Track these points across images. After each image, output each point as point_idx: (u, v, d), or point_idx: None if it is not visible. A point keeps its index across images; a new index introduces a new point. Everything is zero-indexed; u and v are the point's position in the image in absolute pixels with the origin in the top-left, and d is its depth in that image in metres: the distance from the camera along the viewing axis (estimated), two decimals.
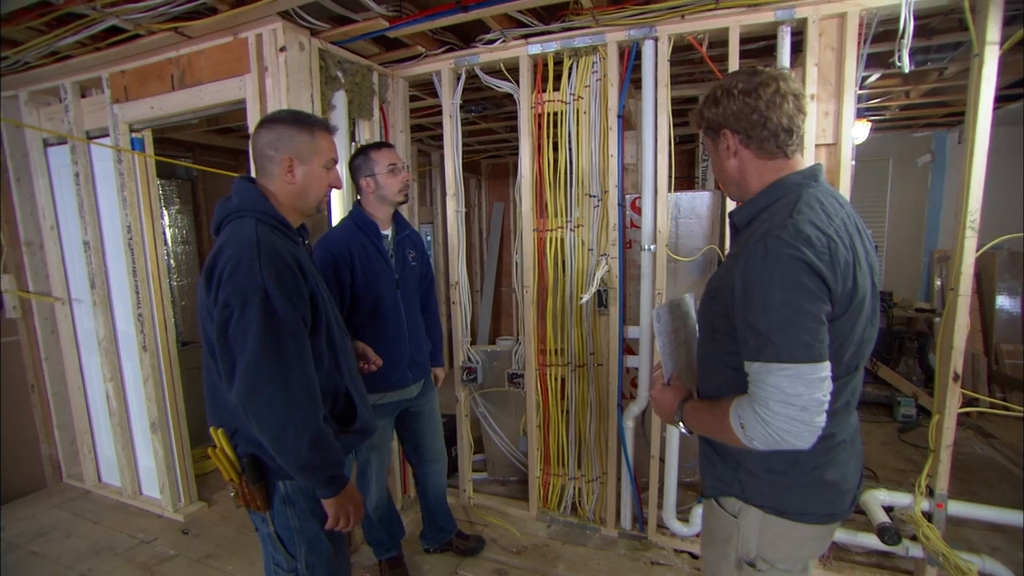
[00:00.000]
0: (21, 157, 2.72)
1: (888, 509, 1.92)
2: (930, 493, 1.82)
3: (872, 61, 2.31)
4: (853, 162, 1.81)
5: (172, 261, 3.27)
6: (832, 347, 0.88)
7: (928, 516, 1.82)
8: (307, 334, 1.13)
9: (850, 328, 0.92)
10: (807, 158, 1.83)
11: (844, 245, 0.88)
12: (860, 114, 3.44)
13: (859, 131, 3.47)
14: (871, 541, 1.91)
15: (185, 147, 3.53)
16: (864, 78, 2.55)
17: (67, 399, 2.90)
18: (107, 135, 2.35)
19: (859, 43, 1.75)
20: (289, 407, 1.05)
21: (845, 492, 1.01)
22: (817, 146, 1.86)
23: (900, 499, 1.90)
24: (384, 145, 1.88)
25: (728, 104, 0.97)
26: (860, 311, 0.92)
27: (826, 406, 0.85)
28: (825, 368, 0.85)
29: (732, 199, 1.11)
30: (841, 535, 1.98)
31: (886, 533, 1.76)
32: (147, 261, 2.41)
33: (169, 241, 3.25)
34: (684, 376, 1.17)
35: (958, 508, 1.87)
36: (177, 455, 2.58)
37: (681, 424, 1.08)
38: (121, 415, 2.64)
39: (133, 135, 2.34)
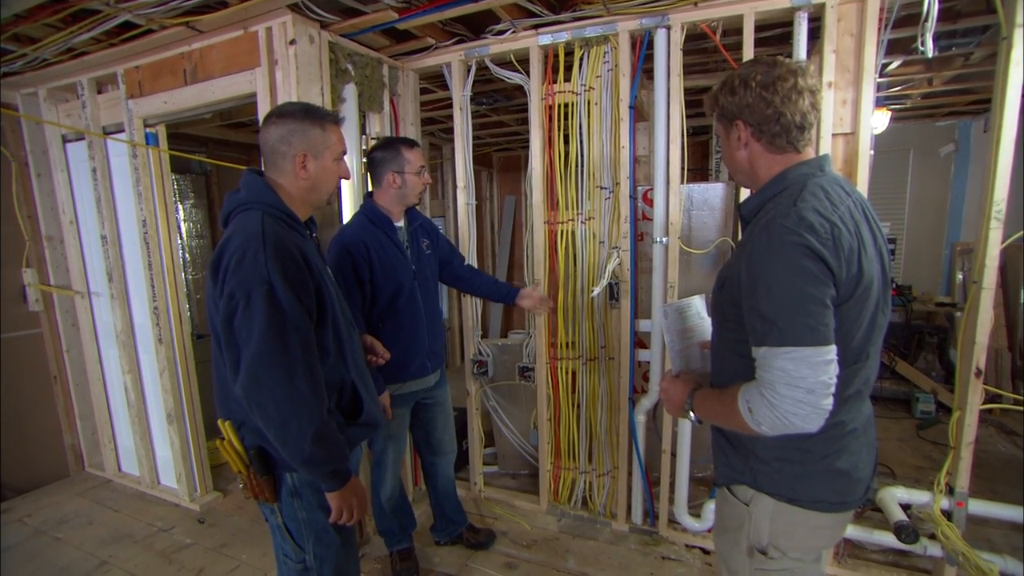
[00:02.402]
0: (41, 153, 2.77)
1: (906, 507, 1.88)
2: (950, 491, 1.77)
3: (893, 47, 2.24)
4: (871, 151, 1.76)
5: (187, 255, 3.31)
6: (839, 332, 0.89)
7: (948, 515, 1.77)
8: (312, 327, 1.13)
9: (857, 313, 0.92)
10: (824, 147, 1.79)
11: (848, 231, 0.89)
12: (880, 103, 3.35)
13: (878, 120, 3.38)
14: (888, 539, 1.88)
15: (199, 142, 3.56)
16: (884, 65, 2.48)
17: (88, 390, 2.96)
18: (123, 130, 2.38)
19: (879, 28, 1.69)
20: (293, 400, 1.06)
21: (857, 481, 1.02)
22: (834, 135, 1.81)
23: (918, 497, 1.86)
24: (416, 144, 1.89)
25: (744, 95, 0.97)
26: (867, 296, 0.92)
27: (832, 389, 0.85)
28: (830, 351, 0.86)
29: (740, 185, 1.12)
30: (857, 533, 1.95)
31: (904, 531, 1.73)
32: (162, 255, 2.44)
33: (184, 235, 3.29)
34: (694, 373, 1.19)
35: (979, 507, 1.83)
36: (193, 446, 2.62)
37: (691, 413, 1.09)
38: (139, 406, 2.69)
39: (147, 130, 2.36)
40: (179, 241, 3.12)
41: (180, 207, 3.28)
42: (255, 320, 1.04)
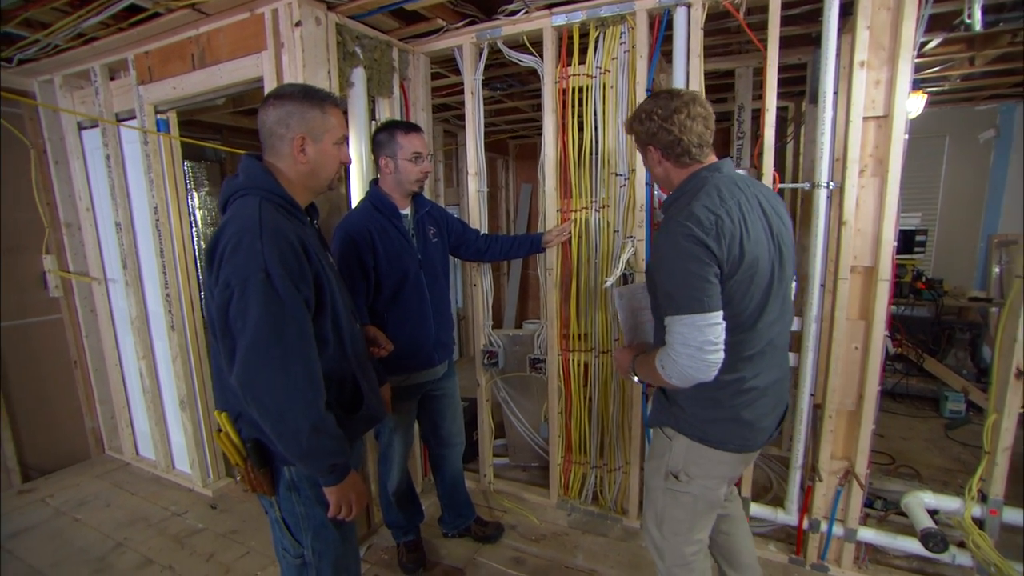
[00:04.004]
0: (59, 140, 2.79)
1: (932, 512, 1.79)
2: (983, 498, 1.68)
3: (933, 24, 2.09)
4: (906, 136, 1.64)
5: (201, 242, 3.32)
6: (731, 303, 1.13)
7: (979, 523, 1.68)
8: (310, 317, 1.09)
9: (746, 287, 1.14)
10: (852, 132, 1.69)
11: (732, 220, 1.11)
12: (915, 86, 3.17)
13: (913, 104, 3.20)
14: (911, 545, 1.80)
15: (213, 129, 3.56)
16: (923, 43, 2.32)
17: (106, 375, 3.01)
18: (135, 117, 2.37)
19: (920, 2, 1.57)
20: (289, 392, 1.02)
21: (759, 430, 1.27)
22: (865, 119, 1.70)
23: (947, 503, 1.77)
24: (414, 129, 1.80)
25: (650, 126, 1.22)
26: (754, 273, 1.14)
27: (718, 346, 1.09)
28: (715, 316, 1.09)
29: (662, 190, 1.39)
30: (879, 537, 1.87)
31: (931, 539, 1.64)
32: (174, 242, 2.45)
33: (199, 222, 3.30)
34: (641, 344, 1.47)
35: (1013, 515, 1.72)
36: (205, 432, 2.64)
37: (635, 376, 1.35)
38: (153, 392, 2.72)
39: (158, 116, 2.35)
40: (194, 229, 3.13)
41: (195, 195, 3.28)
42: (250, 309, 1.01)
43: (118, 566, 2.14)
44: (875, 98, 1.68)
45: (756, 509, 2.05)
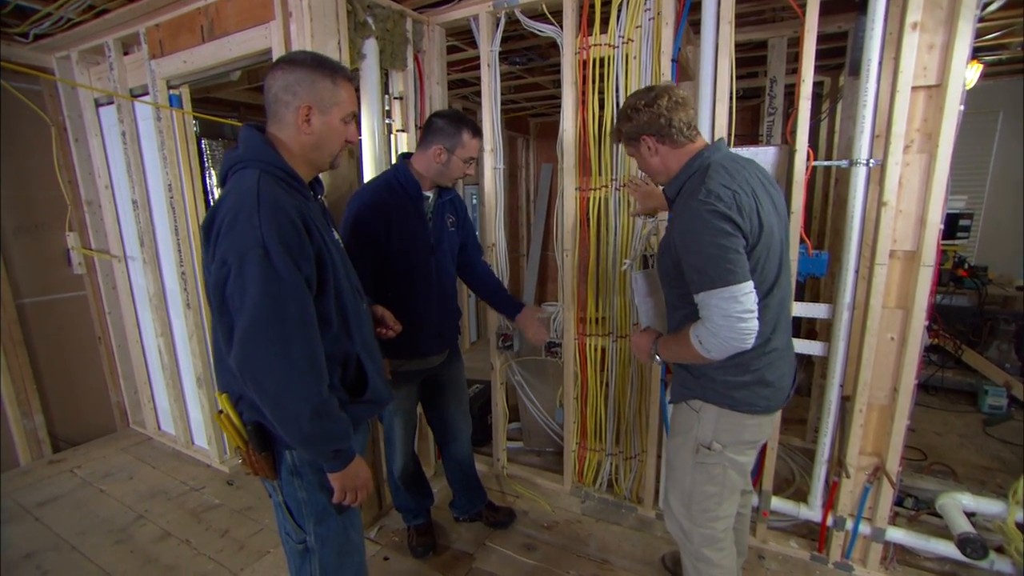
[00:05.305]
0: (77, 118, 2.79)
1: (970, 514, 1.68)
2: None
3: None
4: (961, 107, 1.50)
5: None
6: (756, 269, 1.18)
7: (1023, 528, 1.57)
8: (311, 296, 1.04)
9: (766, 254, 1.20)
10: (899, 102, 1.55)
11: (746, 194, 1.16)
12: (971, 55, 2.93)
13: (969, 73, 2.96)
14: (944, 548, 1.70)
15: (230, 106, 3.54)
16: (985, 4, 2.11)
17: (128, 351, 3.06)
18: (148, 93, 2.35)
19: None
20: (289, 375, 0.98)
21: (780, 390, 1.33)
22: (914, 88, 1.55)
23: (987, 506, 1.66)
24: (480, 134, 1.74)
25: (639, 117, 1.27)
26: (771, 240, 1.21)
27: (755, 313, 1.13)
28: (748, 287, 1.13)
29: (660, 185, 1.38)
30: (909, 538, 1.77)
31: (970, 545, 1.54)
32: (188, 219, 2.43)
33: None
34: (658, 328, 1.50)
35: None
36: None
37: (657, 356, 1.38)
38: (172, 369, 2.75)
39: (171, 92, 2.32)
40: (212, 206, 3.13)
41: (212, 172, 3.27)
42: (248, 288, 0.96)
43: (138, 537, 2.18)
44: (927, 65, 1.53)
45: (777, 503, 1.97)
